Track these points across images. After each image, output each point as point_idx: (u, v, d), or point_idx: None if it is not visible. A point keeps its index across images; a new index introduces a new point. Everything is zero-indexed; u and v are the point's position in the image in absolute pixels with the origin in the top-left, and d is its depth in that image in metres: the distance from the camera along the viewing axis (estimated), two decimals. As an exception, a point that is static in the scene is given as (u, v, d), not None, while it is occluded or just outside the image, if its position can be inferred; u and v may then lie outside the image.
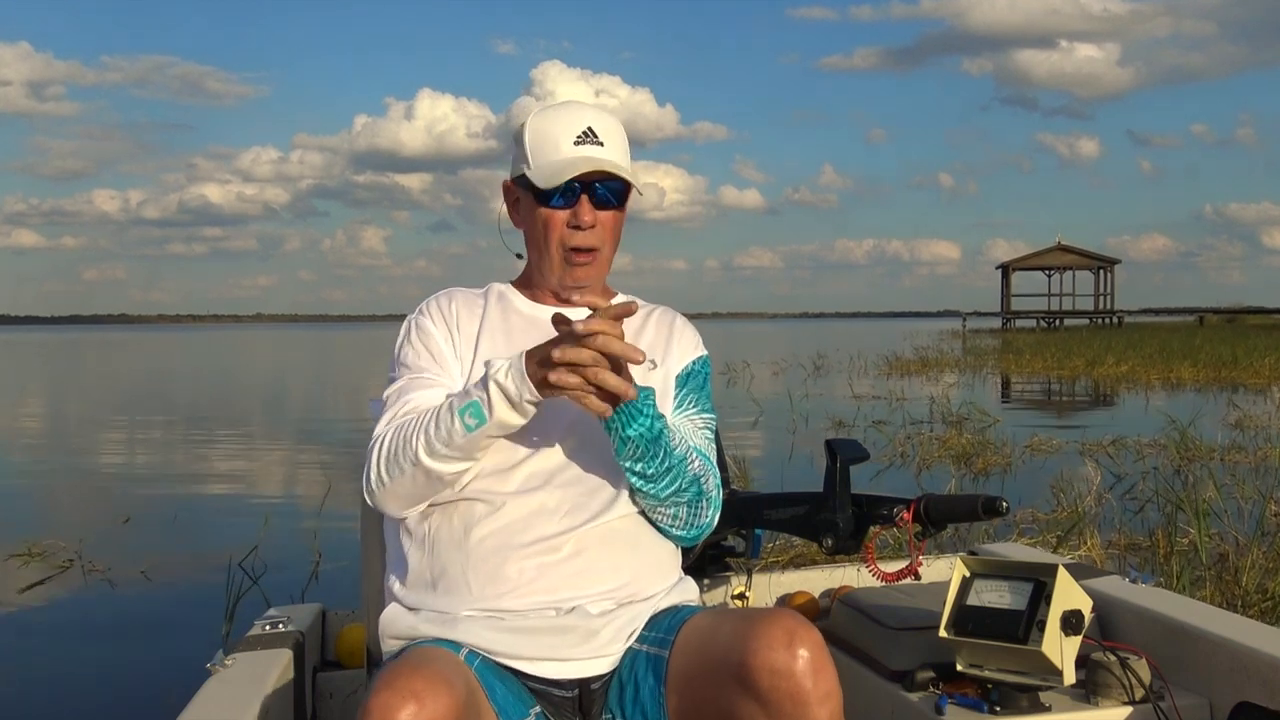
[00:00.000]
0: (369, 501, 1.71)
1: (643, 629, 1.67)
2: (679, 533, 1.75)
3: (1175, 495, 6.04)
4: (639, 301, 1.87)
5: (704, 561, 2.47)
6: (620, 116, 1.85)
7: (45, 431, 14.54)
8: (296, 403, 19.10)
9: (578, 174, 1.71)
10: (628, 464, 1.64)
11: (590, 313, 1.55)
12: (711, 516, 1.76)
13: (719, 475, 1.78)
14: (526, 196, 1.78)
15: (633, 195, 1.82)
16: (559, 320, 1.57)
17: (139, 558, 5.84)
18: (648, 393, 1.61)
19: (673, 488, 1.69)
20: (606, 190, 1.75)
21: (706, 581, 2.52)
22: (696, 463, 1.71)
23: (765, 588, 2.56)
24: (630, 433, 1.59)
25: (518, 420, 1.60)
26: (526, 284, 1.87)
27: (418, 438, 1.63)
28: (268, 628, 2.19)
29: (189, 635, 4.28)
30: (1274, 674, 1.81)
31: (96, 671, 4.09)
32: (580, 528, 1.66)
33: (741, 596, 2.53)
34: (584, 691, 1.64)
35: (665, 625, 1.65)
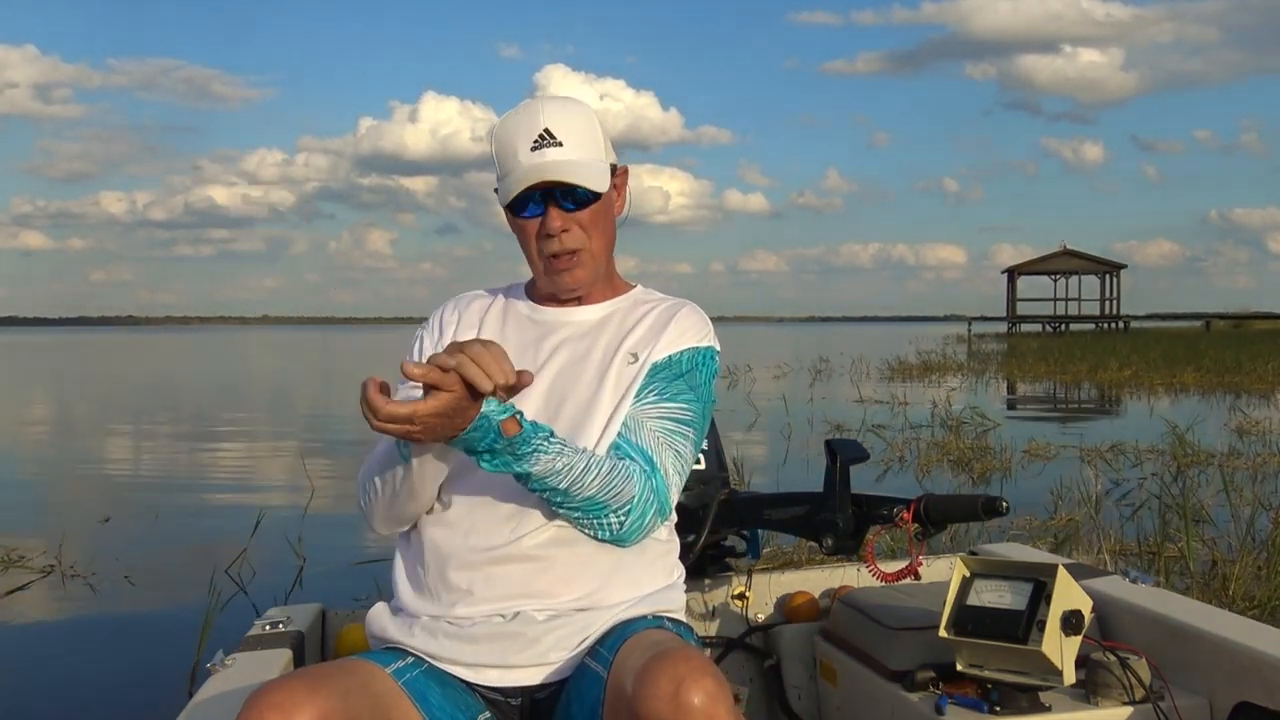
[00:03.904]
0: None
1: (597, 641, 1.62)
2: (589, 534, 1.65)
3: (1172, 501, 6.05)
4: (654, 293, 1.88)
5: (704, 562, 2.47)
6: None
7: (34, 431, 14.51)
8: (295, 405, 19.12)
9: (528, 186, 1.69)
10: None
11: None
12: (630, 525, 1.63)
13: (661, 476, 1.66)
14: (504, 208, 1.77)
15: (633, 180, 1.82)
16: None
17: (122, 560, 5.82)
18: (488, 438, 1.49)
19: (558, 508, 1.61)
20: (571, 196, 1.71)
21: (707, 582, 2.52)
22: (594, 485, 1.58)
23: (765, 588, 2.56)
24: (483, 465, 1.53)
25: (424, 452, 1.57)
26: (533, 284, 1.88)
27: (371, 467, 1.70)
28: (267, 628, 2.19)
29: (177, 639, 4.25)
30: (1274, 674, 1.81)
31: (85, 678, 4.05)
32: (529, 535, 1.65)
33: (741, 597, 2.53)
34: (530, 701, 1.64)
35: (612, 642, 1.58)
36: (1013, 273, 64.23)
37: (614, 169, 1.79)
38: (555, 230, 1.72)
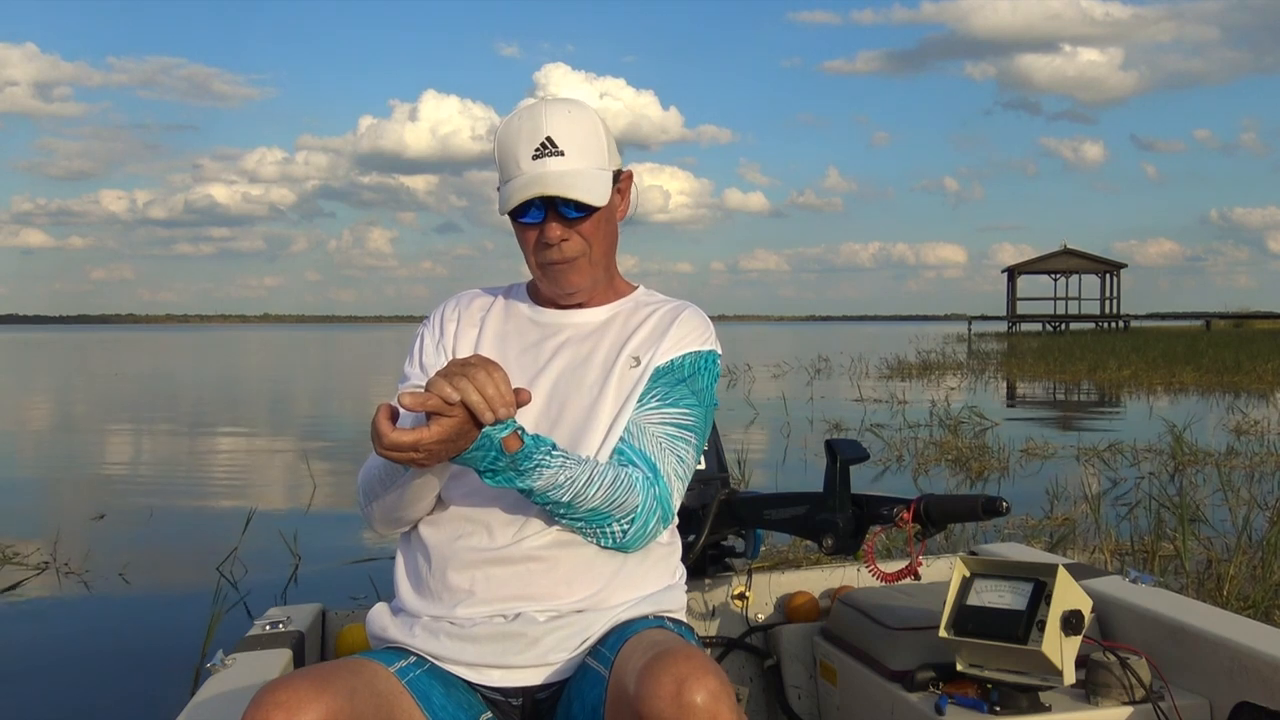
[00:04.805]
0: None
1: (598, 641, 1.63)
2: (593, 542, 1.66)
3: (1168, 501, 6.05)
4: (656, 294, 1.88)
5: (704, 562, 2.48)
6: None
7: (31, 428, 14.47)
8: (295, 403, 19.10)
9: (526, 198, 1.68)
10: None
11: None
12: (634, 533, 1.65)
13: (664, 483, 1.67)
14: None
15: (624, 193, 1.81)
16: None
17: (116, 558, 5.80)
18: (489, 456, 1.50)
19: (563, 518, 1.62)
20: (571, 204, 1.70)
21: (707, 582, 2.52)
22: (598, 497, 1.60)
23: (765, 588, 2.56)
24: (486, 480, 1.55)
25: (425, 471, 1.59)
26: (534, 285, 1.88)
27: (371, 471, 1.69)
28: (268, 628, 2.19)
29: (173, 638, 4.26)
30: (1274, 674, 1.81)
31: (81, 677, 4.04)
32: (531, 536, 1.65)
33: (741, 597, 2.53)
34: (531, 701, 1.64)
35: (613, 642, 1.59)
36: (1013, 272, 64.21)
37: (618, 174, 1.78)
38: (555, 240, 1.71)
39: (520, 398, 1.47)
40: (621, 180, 1.80)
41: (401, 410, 1.46)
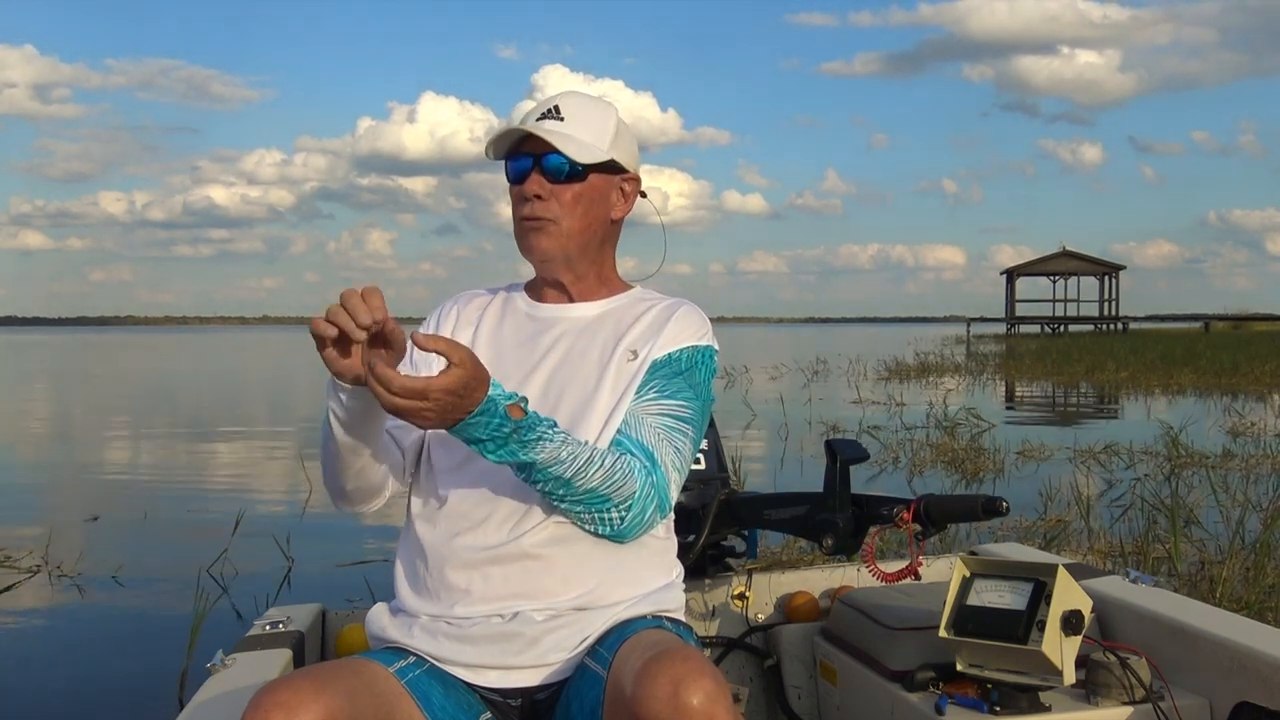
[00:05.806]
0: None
1: (596, 641, 1.62)
2: (589, 529, 1.64)
3: (1162, 503, 6.06)
4: (653, 293, 1.89)
5: (704, 561, 2.47)
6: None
7: (26, 429, 14.44)
8: (291, 405, 19.08)
9: (499, 134, 1.74)
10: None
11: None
12: (630, 521, 1.63)
13: (661, 471, 1.65)
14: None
15: (627, 195, 1.82)
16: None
17: (110, 560, 5.79)
18: (494, 422, 1.48)
19: (560, 501, 1.60)
20: (557, 161, 1.73)
21: (707, 582, 2.52)
22: (598, 477, 1.57)
23: (765, 588, 2.56)
24: (488, 455, 1.52)
25: (337, 404, 1.58)
26: (532, 282, 1.88)
27: (321, 438, 1.69)
28: (268, 628, 2.19)
29: (165, 639, 4.25)
30: (1274, 674, 1.81)
31: (73, 680, 4.03)
32: (528, 533, 1.64)
33: (741, 597, 2.53)
34: (530, 702, 1.64)
35: (611, 642, 1.58)
36: (1012, 274, 64.28)
37: (623, 170, 1.80)
38: (530, 194, 1.74)
39: (387, 326, 1.46)
40: (626, 180, 1.82)
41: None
